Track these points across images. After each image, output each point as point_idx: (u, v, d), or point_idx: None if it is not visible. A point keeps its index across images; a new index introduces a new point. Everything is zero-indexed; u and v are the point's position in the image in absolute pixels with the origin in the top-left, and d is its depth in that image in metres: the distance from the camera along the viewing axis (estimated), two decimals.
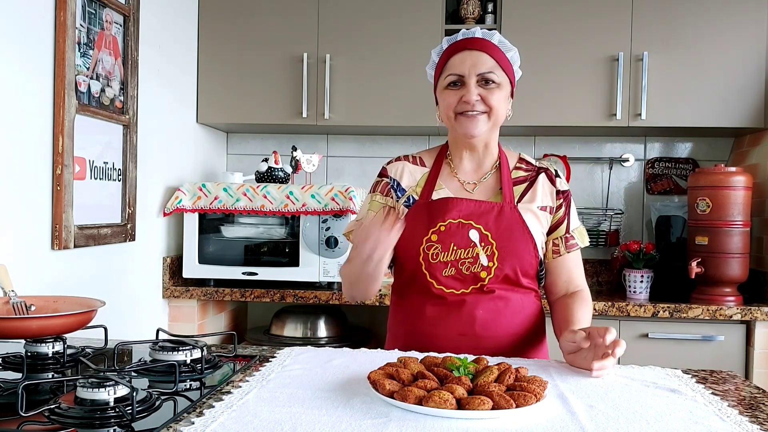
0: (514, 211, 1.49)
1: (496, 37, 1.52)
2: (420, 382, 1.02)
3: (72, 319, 1.27)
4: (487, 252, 1.46)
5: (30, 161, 1.83)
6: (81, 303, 1.40)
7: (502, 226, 1.48)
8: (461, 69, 1.48)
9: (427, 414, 0.96)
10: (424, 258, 1.49)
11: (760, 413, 1.03)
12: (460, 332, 1.47)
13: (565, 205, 1.56)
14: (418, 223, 1.50)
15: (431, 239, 1.48)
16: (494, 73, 1.48)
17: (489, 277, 1.47)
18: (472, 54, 1.48)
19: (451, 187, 1.55)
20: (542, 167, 1.59)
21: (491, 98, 1.48)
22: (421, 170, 1.59)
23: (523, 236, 1.49)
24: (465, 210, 1.49)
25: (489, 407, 0.95)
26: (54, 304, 1.42)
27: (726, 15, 2.70)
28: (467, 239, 1.47)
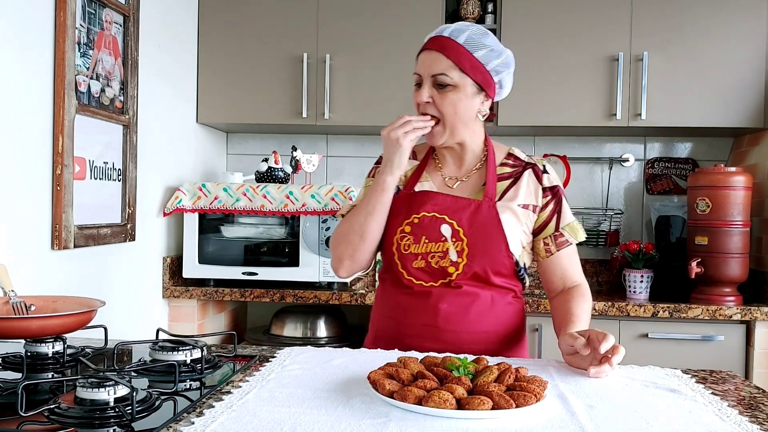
0: (491, 209, 1.48)
1: (465, 36, 1.47)
2: (420, 382, 1.02)
3: (72, 319, 1.27)
4: (457, 248, 1.46)
5: (30, 161, 1.83)
6: (81, 303, 1.40)
7: (476, 224, 1.47)
8: (420, 69, 1.49)
9: (427, 414, 0.96)
10: (396, 248, 1.50)
11: (759, 413, 1.03)
12: (424, 323, 1.48)
13: (554, 203, 1.54)
14: (396, 213, 1.52)
15: (404, 230, 1.50)
16: (447, 75, 1.45)
17: (457, 273, 1.47)
18: (430, 54, 1.48)
19: (435, 181, 1.56)
20: (530, 163, 1.56)
21: (443, 102, 1.47)
22: (411, 162, 1.59)
23: (497, 235, 1.47)
24: (441, 204, 1.50)
25: (489, 407, 0.95)
26: (54, 304, 1.42)
27: (726, 15, 2.70)
28: (438, 233, 1.47)
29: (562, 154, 3.11)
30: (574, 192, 3.15)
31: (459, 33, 1.48)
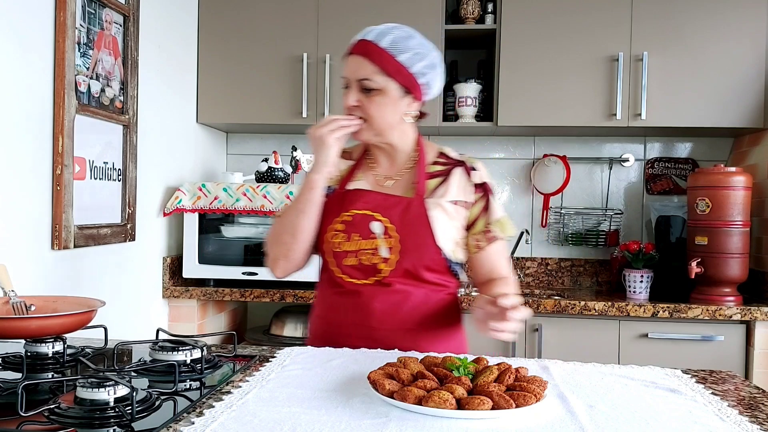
0: (421, 206, 1.49)
1: (388, 39, 1.48)
2: (420, 382, 1.02)
3: (72, 319, 1.27)
4: (388, 244, 1.47)
5: (30, 161, 1.83)
6: (81, 303, 1.40)
7: (406, 220, 1.48)
8: (346, 73, 1.50)
9: (427, 414, 0.96)
10: (329, 246, 1.52)
11: (759, 413, 1.03)
12: (355, 322, 1.49)
13: (484, 200, 1.55)
14: (329, 211, 1.53)
15: (336, 228, 1.51)
16: (372, 79, 1.47)
17: (388, 270, 1.47)
18: (355, 59, 1.49)
19: (367, 180, 1.58)
20: (460, 161, 1.58)
21: (368, 107, 1.48)
22: (346, 163, 1.62)
23: (426, 231, 1.48)
24: (372, 202, 1.51)
25: (489, 407, 0.95)
26: (54, 304, 1.42)
27: (726, 15, 2.70)
28: (369, 230, 1.49)
29: (562, 154, 3.11)
30: (574, 192, 3.15)
31: (382, 37, 1.49)
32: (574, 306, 2.55)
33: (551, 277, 3.15)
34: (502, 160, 3.22)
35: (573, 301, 2.56)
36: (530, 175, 3.16)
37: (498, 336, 1.26)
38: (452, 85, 2.97)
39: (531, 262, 3.17)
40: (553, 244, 3.17)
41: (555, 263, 3.15)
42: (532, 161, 3.19)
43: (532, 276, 3.17)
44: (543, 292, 3.00)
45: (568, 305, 2.55)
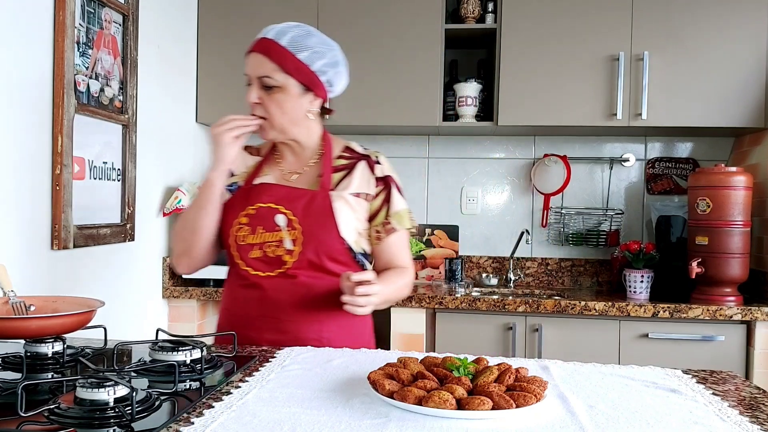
0: (325, 199, 1.53)
1: (287, 38, 1.52)
2: (420, 382, 1.02)
3: (71, 319, 1.27)
4: (292, 236, 1.51)
5: (29, 161, 1.83)
6: (80, 303, 1.40)
7: (310, 212, 1.52)
8: (247, 71, 1.53)
9: (427, 414, 0.96)
10: (234, 240, 1.54)
11: (760, 413, 1.03)
12: (260, 314, 1.53)
13: (385, 192, 1.60)
14: (234, 206, 1.56)
15: (241, 221, 1.54)
16: (271, 77, 1.50)
17: (293, 261, 1.51)
18: (256, 57, 1.51)
19: (273, 175, 1.61)
20: (365, 155, 1.62)
21: (269, 103, 1.51)
22: (254, 159, 1.66)
23: (329, 222, 1.52)
24: (277, 195, 1.54)
25: (489, 407, 0.95)
26: (54, 304, 1.42)
27: (726, 15, 2.70)
28: (273, 223, 1.52)
29: (562, 154, 3.11)
30: (574, 192, 3.15)
31: (282, 35, 1.52)
32: (575, 306, 2.54)
33: (551, 277, 3.15)
34: (502, 160, 3.21)
35: (573, 301, 2.56)
36: (530, 174, 3.16)
37: (350, 310, 1.38)
38: (452, 84, 2.97)
39: (531, 262, 3.17)
40: (553, 244, 3.17)
41: (555, 263, 3.15)
42: (532, 161, 3.18)
43: (533, 276, 3.17)
44: (543, 292, 3.00)
45: (568, 305, 2.55)
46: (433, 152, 3.24)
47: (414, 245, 3.19)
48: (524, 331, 2.60)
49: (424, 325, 2.63)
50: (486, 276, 3.09)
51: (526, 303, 2.57)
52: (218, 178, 1.54)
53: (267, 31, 1.54)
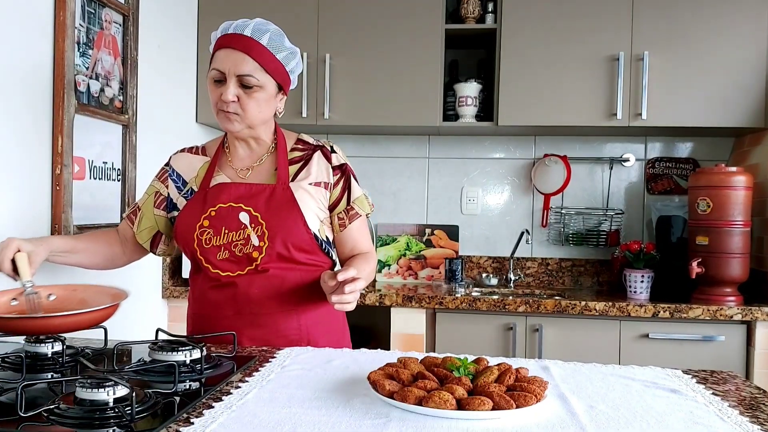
0: (286, 191, 1.53)
1: (266, 37, 1.53)
2: (420, 383, 1.01)
3: (100, 314, 1.26)
4: (257, 232, 1.50)
5: (29, 161, 1.83)
6: (103, 291, 1.39)
7: (272, 206, 1.52)
8: (223, 66, 1.50)
9: (427, 414, 0.95)
10: (198, 244, 1.53)
11: (760, 413, 1.03)
12: (235, 312, 1.53)
13: (344, 180, 1.61)
14: (192, 211, 1.55)
15: (203, 225, 1.53)
16: (253, 76, 1.49)
17: (261, 257, 1.50)
18: (235, 54, 1.49)
19: (227, 174, 1.59)
20: (319, 145, 1.63)
21: (248, 102, 1.50)
22: (202, 159, 1.64)
23: (293, 213, 1.52)
24: (236, 193, 1.54)
25: (489, 407, 0.95)
26: (74, 292, 1.39)
27: (726, 14, 2.70)
28: (238, 221, 1.51)
29: (562, 154, 3.11)
30: (574, 192, 3.15)
31: (261, 34, 1.53)
32: (575, 306, 2.54)
33: (552, 277, 3.15)
34: (502, 160, 3.21)
35: (573, 301, 2.55)
36: (531, 174, 3.16)
37: (339, 308, 1.38)
38: (452, 84, 2.97)
39: (531, 262, 3.17)
40: (553, 244, 3.17)
41: (555, 263, 3.15)
42: (532, 161, 3.18)
43: (533, 276, 3.17)
44: (543, 292, 2.99)
45: (568, 305, 2.55)
46: (433, 152, 3.24)
47: (414, 245, 3.19)
48: (524, 331, 2.60)
49: (424, 325, 2.63)
50: (486, 276, 3.09)
51: (526, 303, 2.57)
52: (39, 257, 1.46)
53: (242, 27, 1.54)
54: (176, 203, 1.62)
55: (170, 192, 1.64)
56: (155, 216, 1.65)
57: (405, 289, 2.80)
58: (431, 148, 3.24)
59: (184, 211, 1.57)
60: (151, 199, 1.66)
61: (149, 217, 1.66)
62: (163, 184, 1.66)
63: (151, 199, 1.66)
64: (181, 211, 1.59)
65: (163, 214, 1.65)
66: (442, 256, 3.16)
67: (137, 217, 1.67)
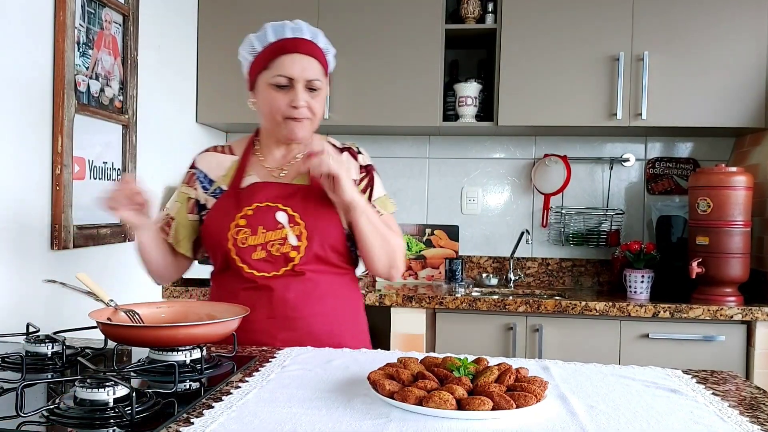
0: (319, 190, 1.52)
1: (322, 40, 1.55)
2: (420, 383, 1.01)
3: (222, 327, 1.23)
4: (295, 232, 1.50)
5: (29, 161, 1.83)
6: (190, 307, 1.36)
7: (308, 206, 1.52)
8: (291, 72, 1.49)
9: (428, 414, 0.95)
10: (233, 243, 1.51)
11: (760, 413, 1.03)
12: (269, 315, 1.50)
13: (368, 179, 1.62)
14: (225, 210, 1.54)
15: (239, 224, 1.51)
16: (319, 79, 1.52)
17: (299, 257, 1.50)
18: (303, 59, 1.50)
19: (259, 174, 1.59)
20: (345, 147, 1.64)
21: (316, 105, 1.53)
22: (230, 158, 1.63)
23: (329, 212, 1.53)
24: (272, 193, 1.53)
25: (489, 408, 0.94)
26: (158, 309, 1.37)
27: (726, 15, 2.70)
28: (275, 221, 1.50)
29: (562, 154, 3.11)
30: (574, 192, 3.15)
31: (317, 37, 1.55)
32: (575, 306, 2.54)
33: (552, 277, 3.15)
34: (502, 160, 3.21)
35: (574, 302, 2.55)
36: (531, 175, 3.16)
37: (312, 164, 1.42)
38: (452, 84, 2.97)
39: (532, 262, 3.17)
40: (553, 244, 3.17)
41: (556, 263, 3.15)
42: (532, 161, 3.18)
43: (533, 276, 3.17)
44: (544, 292, 2.99)
45: (568, 305, 2.55)
46: (433, 152, 3.24)
47: (414, 245, 3.19)
48: (524, 331, 2.60)
49: (424, 325, 2.63)
50: (486, 276, 3.09)
51: (526, 303, 2.57)
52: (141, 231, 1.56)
53: (294, 29, 1.54)
54: (205, 203, 1.60)
55: (198, 193, 1.62)
56: (190, 222, 1.63)
57: (405, 289, 2.80)
58: (431, 148, 3.24)
59: (215, 210, 1.56)
60: (183, 207, 1.63)
61: (184, 224, 1.63)
62: (192, 187, 1.63)
63: (184, 206, 1.62)
64: (210, 209, 1.57)
65: (196, 218, 1.63)
66: (442, 256, 3.16)
67: (171, 228, 1.64)
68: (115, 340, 1.22)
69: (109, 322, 1.21)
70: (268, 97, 1.52)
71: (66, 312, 1.82)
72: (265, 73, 1.53)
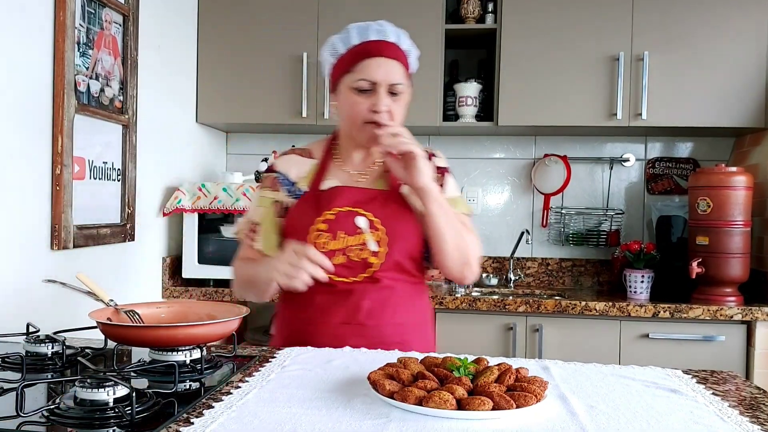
0: (399, 195, 1.52)
1: (405, 42, 1.53)
2: (420, 383, 1.01)
3: (222, 327, 1.23)
4: (375, 238, 1.47)
5: (29, 161, 1.83)
6: (190, 306, 1.36)
7: (388, 211, 1.50)
8: (375, 77, 1.47)
9: (427, 415, 0.95)
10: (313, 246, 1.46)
11: (760, 413, 1.03)
12: (343, 321, 1.48)
13: (442, 180, 1.59)
14: (305, 213, 1.52)
15: (319, 228, 1.48)
16: (402, 83, 1.50)
17: (379, 263, 1.48)
18: (388, 63, 1.48)
19: (339, 178, 1.56)
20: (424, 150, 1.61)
21: (397, 111, 1.50)
22: (310, 162, 1.60)
23: (409, 218, 1.50)
24: (352, 198, 1.51)
25: (489, 408, 0.94)
26: (158, 310, 1.36)
27: (726, 15, 2.70)
28: (355, 226, 1.48)
29: (562, 154, 3.11)
30: (574, 192, 3.15)
31: (401, 39, 1.52)
32: (575, 306, 2.54)
33: (552, 277, 3.15)
34: (502, 160, 3.21)
35: (574, 302, 2.55)
36: (531, 174, 3.16)
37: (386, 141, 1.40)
38: (452, 84, 2.97)
39: (532, 262, 3.16)
40: (553, 244, 3.17)
41: (556, 263, 3.15)
42: (532, 161, 3.18)
43: (533, 276, 3.17)
44: (544, 292, 2.99)
45: (568, 305, 2.55)
46: None
47: None
48: (524, 331, 2.60)
49: None
50: (486, 276, 3.09)
51: (526, 303, 2.57)
52: None
53: (386, 33, 1.51)
54: (287, 205, 1.57)
55: (283, 196, 1.57)
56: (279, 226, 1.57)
57: None
58: (431, 148, 3.24)
59: (295, 212, 1.53)
60: (270, 211, 1.57)
61: (274, 229, 1.57)
62: (276, 191, 1.58)
63: (270, 210, 1.57)
64: (291, 210, 1.54)
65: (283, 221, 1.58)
66: None
67: (259, 234, 1.58)
68: (115, 340, 1.22)
69: (109, 322, 1.21)
70: (349, 100, 1.50)
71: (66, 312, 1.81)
72: (348, 76, 1.50)
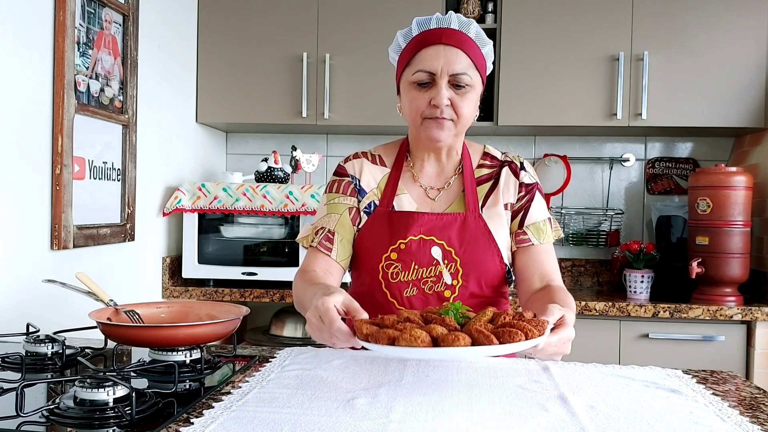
0: (478, 221, 1.39)
1: (473, 29, 1.37)
2: (399, 325, 0.96)
3: (222, 327, 1.23)
4: (450, 270, 1.37)
5: (29, 161, 1.83)
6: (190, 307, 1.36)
7: (465, 240, 1.38)
8: (433, 66, 1.32)
9: (404, 357, 0.94)
10: (383, 276, 1.39)
11: (760, 413, 1.03)
12: None
13: (527, 199, 1.44)
14: (378, 237, 1.40)
15: (390, 257, 1.38)
16: (468, 74, 1.33)
17: (453, 296, 1.37)
18: (447, 50, 1.32)
19: (413, 194, 1.44)
20: (506, 161, 1.47)
21: (462, 105, 1.34)
22: (381, 170, 1.47)
23: (489, 246, 1.39)
24: (427, 225, 1.38)
25: (467, 344, 0.86)
26: (158, 310, 1.36)
27: (726, 15, 2.70)
28: (429, 257, 1.37)
29: (562, 154, 3.11)
30: (574, 192, 3.15)
31: (468, 27, 1.36)
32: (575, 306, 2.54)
33: None
34: None
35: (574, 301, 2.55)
36: None
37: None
38: None
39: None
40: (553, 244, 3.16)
41: None
42: (532, 161, 3.18)
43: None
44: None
45: None
46: None
47: None
48: None
49: None
50: None
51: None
52: None
53: (448, 19, 1.35)
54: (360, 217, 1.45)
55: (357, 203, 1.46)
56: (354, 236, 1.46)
57: None
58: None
59: (368, 233, 1.41)
60: (346, 218, 1.43)
61: (350, 241, 1.45)
62: (352, 197, 1.46)
63: (347, 217, 1.43)
64: (363, 229, 1.42)
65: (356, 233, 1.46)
66: None
67: (335, 244, 1.42)
68: (115, 340, 1.22)
69: (109, 322, 1.21)
70: (408, 96, 1.36)
71: (66, 312, 1.81)
72: (406, 70, 1.37)
